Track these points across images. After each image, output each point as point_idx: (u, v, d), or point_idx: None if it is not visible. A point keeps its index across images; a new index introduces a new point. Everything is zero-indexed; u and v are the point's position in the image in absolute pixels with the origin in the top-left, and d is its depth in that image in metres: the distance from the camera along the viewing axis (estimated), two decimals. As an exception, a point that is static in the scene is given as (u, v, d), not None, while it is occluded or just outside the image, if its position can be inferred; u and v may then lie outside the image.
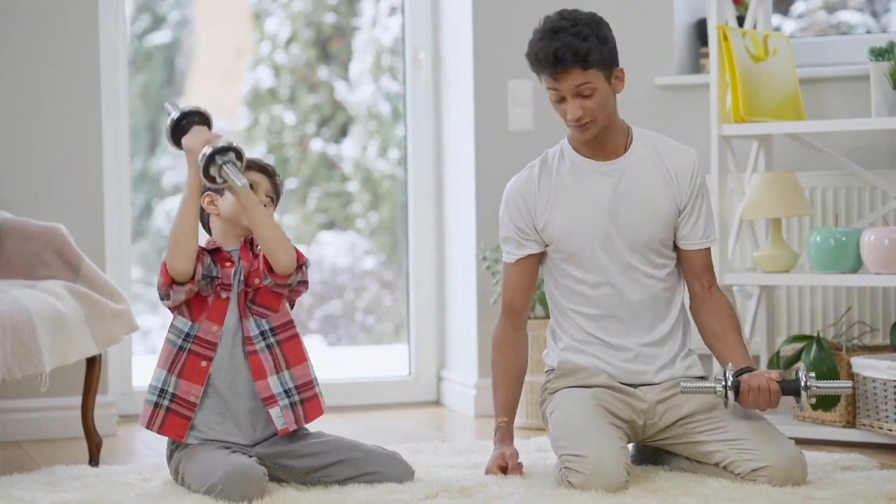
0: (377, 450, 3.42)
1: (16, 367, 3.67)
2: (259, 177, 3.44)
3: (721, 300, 3.55)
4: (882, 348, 4.35)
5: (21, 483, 3.51)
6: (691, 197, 3.50)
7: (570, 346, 3.54)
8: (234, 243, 3.42)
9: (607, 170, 3.50)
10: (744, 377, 3.37)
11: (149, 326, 6.02)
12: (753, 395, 3.34)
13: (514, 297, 3.59)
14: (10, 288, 3.88)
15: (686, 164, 3.51)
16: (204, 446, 3.33)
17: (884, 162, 4.65)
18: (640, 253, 3.49)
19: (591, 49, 3.36)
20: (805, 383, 3.38)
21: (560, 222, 3.50)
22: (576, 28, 3.37)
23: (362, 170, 6.34)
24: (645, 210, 3.48)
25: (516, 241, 3.56)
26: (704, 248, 3.55)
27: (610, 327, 3.51)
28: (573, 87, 3.39)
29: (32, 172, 4.59)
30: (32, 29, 4.58)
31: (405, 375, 5.28)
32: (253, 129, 6.49)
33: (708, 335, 3.55)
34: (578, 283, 3.52)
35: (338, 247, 6.64)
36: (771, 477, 3.28)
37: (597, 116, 3.43)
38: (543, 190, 3.52)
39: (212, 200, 3.41)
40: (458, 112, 5.04)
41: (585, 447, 3.27)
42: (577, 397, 3.44)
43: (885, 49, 4.18)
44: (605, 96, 3.43)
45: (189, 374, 3.36)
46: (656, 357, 3.51)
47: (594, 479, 3.23)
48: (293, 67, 6.51)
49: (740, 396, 3.37)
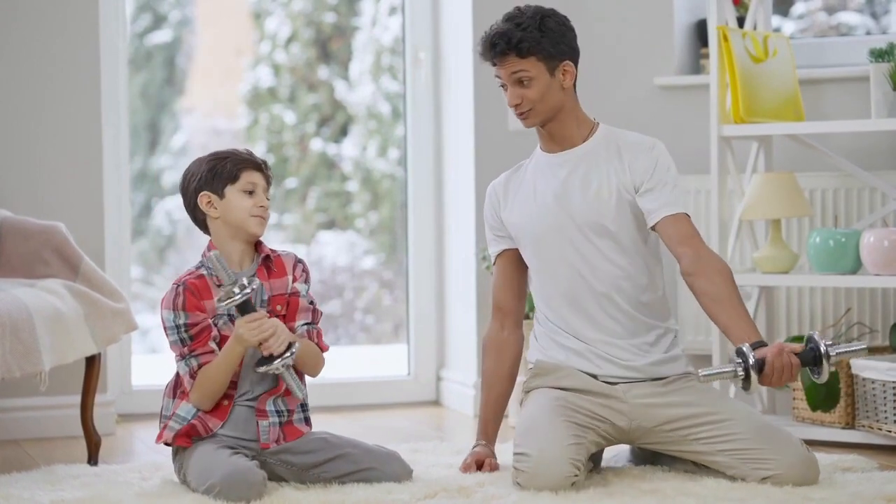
0: (376, 448, 3.42)
1: (15, 366, 3.67)
2: (257, 177, 3.42)
3: (713, 263, 3.37)
4: (881, 349, 4.35)
5: (20, 482, 3.51)
6: (646, 175, 3.46)
7: (546, 343, 3.55)
8: (238, 250, 3.41)
9: (560, 161, 3.54)
10: (768, 358, 3.18)
11: (148, 325, 6.02)
12: (777, 374, 3.19)
13: (498, 296, 3.64)
14: (10, 287, 3.88)
15: (641, 153, 3.49)
16: (207, 444, 3.32)
17: (883, 163, 4.65)
18: (592, 238, 3.48)
19: (526, 38, 3.43)
20: (825, 351, 3.21)
21: (517, 212, 3.56)
22: (520, 18, 3.46)
23: (362, 169, 6.34)
24: (590, 196, 3.48)
25: (494, 239, 3.64)
26: (673, 216, 3.43)
27: (578, 319, 3.50)
28: (509, 73, 3.46)
29: (32, 171, 4.59)
30: (33, 28, 4.58)
31: (404, 375, 5.28)
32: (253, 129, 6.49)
33: (705, 300, 3.35)
34: (544, 276, 3.54)
35: (337, 246, 6.64)
36: (783, 483, 3.26)
37: (535, 106, 3.47)
38: (510, 186, 3.60)
39: (210, 202, 3.39)
40: (458, 112, 5.05)
41: (530, 445, 3.27)
42: (544, 397, 3.44)
43: (885, 50, 4.18)
44: (545, 87, 3.46)
45: (213, 412, 3.36)
46: (627, 347, 3.48)
47: (536, 478, 3.22)
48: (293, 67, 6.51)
49: (763, 376, 3.19)
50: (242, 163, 3.40)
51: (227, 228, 3.40)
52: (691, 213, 4.72)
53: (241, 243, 3.42)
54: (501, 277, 3.63)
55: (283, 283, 3.42)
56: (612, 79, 4.90)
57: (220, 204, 3.39)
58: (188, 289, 3.33)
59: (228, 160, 3.40)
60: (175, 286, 3.35)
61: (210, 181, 3.39)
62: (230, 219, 3.39)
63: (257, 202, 3.39)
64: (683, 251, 3.40)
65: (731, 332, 3.30)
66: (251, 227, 3.39)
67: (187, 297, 3.32)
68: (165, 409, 3.40)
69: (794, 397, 4.32)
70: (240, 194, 3.38)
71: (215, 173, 3.39)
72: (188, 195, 3.42)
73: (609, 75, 4.90)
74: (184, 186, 3.43)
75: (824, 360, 3.21)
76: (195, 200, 3.40)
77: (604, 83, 4.85)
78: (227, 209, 3.38)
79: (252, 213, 3.38)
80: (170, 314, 3.33)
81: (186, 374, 3.32)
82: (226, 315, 3.35)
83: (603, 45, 4.88)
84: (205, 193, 3.39)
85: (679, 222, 3.44)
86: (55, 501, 3.25)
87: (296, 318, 3.41)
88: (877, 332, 4.56)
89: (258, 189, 3.41)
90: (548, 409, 3.37)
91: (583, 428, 3.37)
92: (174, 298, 3.33)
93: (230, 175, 3.39)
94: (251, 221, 3.39)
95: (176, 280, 3.37)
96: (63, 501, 3.24)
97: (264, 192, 3.43)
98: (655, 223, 3.45)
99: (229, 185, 3.38)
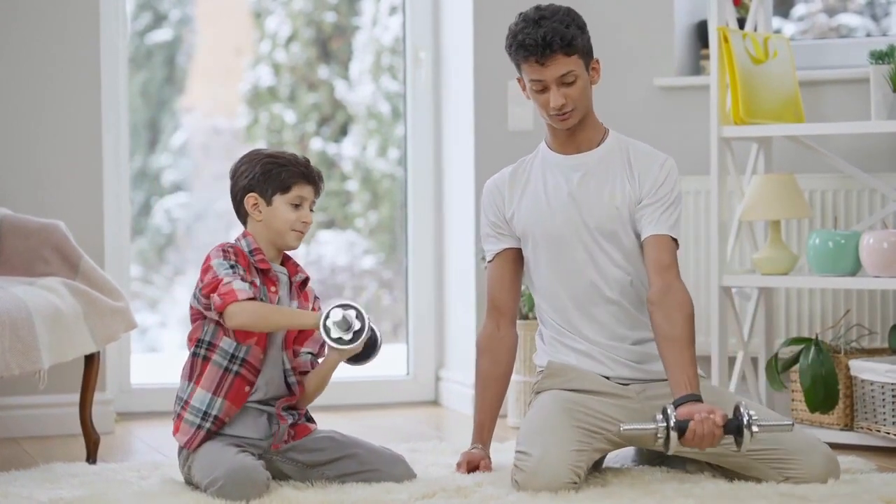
0: (382, 449, 3.43)
1: (14, 364, 3.67)
2: (307, 191, 3.40)
3: (678, 298, 3.35)
4: (880, 351, 4.35)
5: (18, 480, 3.51)
6: (653, 189, 3.46)
7: (555, 346, 3.54)
8: (275, 255, 3.42)
9: (573, 163, 3.52)
10: (691, 424, 3.16)
11: (147, 324, 6.02)
12: (698, 440, 3.18)
13: (495, 295, 3.59)
14: (9, 285, 3.88)
15: (651, 163, 3.49)
16: (214, 441, 3.32)
17: (883, 165, 4.65)
18: (603, 243, 3.48)
19: (575, 35, 3.42)
20: (746, 422, 3.18)
21: (526, 211, 3.52)
22: (557, 16, 3.42)
23: (362, 169, 6.34)
24: (604, 202, 3.47)
25: (493, 237, 3.58)
26: (660, 237, 3.43)
27: (585, 322, 3.49)
28: (557, 74, 3.41)
29: (32, 169, 4.59)
30: (33, 26, 4.58)
31: (403, 375, 5.28)
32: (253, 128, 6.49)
33: (657, 337, 3.34)
34: (552, 278, 3.51)
35: (337, 246, 6.64)
36: (805, 481, 3.26)
37: (578, 105, 3.45)
38: (514, 184, 3.56)
39: (256, 204, 3.37)
40: (458, 112, 5.05)
41: (533, 446, 3.27)
42: (553, 399, 3.42)
43: (885, 52, 4.19)
44: (585, 85, 3.47)
45: (233, 397, 3.34)
46: (635, 350, 3.48)
47: (535, 478, 3.22)
48: (293, 66, 6.52)
49: (684, 440, 3.17)
50: (297, 175, 3.37)
51: (267, 232, 3.39)
52: (690, 214, 4.75)
53: (276, 251, 3.42)
54: (500, 276, 3.59)
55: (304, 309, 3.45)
56: (613, 79, 4.89)
57: (266, 210, 3.37)
58: (237, 252, 3.34)
59: (284, 169, 3.37)
60: (222, 247, 3.33)
61: (261, 184, 3.37)
62: (272, 226, 3.38)
63: (301, 217, 3.38)
64: (654, 279, 3.40)
65: (672, 377, 3.29)
66: (289, 241, 3.39)
67: (240, 254, 3.33)
68: (181, 391, 3.38)
69: (793, 398, 4.32)
70: (287, 206, 3.37)
71: (268, 178, 3.36)
72: (236, 189, 3.41)
73: (609, 76, 4.87)
74: (233, 179, 3.42)
75: (746, 430, 3.19)
76: (242, 197, 3.39)
77: (604, 84, 4.81)
78: (271, 216, 3.37)
79: (294, 227, 3.38)
80: (224, 261, 3.29)
81: (243, 290, 3.24)
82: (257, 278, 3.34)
83: (603, 46, 4.86)
84: (252, 195, 3.38)
85: (661, 247, 3.43)
86: (54, 500, 3.24)
87: (304, 344, 3.44)
88: (876, 334, 4.56)
89: (305, 204, 3.39)
90: (555, 412, 3.36)
91: (590, 433, 3.36)
92: (225, 254, 3.31)
93: (282, 185, 3.37)
94: (291, 235, 3.38)
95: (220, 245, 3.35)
96: (62, 500, 3.24)
97: (311, 205, 3.41)
98: (642, 238, 3.47)
99: (279, 195, 3.37)
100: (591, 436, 3.36)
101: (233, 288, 3.25)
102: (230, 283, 3.26)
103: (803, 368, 4.19)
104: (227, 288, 3.25)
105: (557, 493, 3.19)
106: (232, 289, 3.25)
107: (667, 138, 4.73)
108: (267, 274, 3.37)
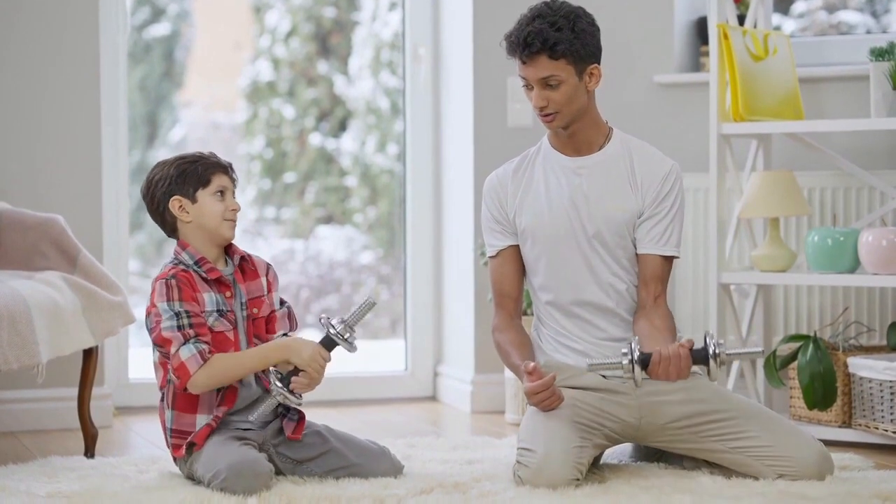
0: (366, 443, 3.42)
1: (12, 358, 3.67)
2: (225, 180, 3.40)
3: (662, 313, 3.44)
4: (879, 349, 4.35)
5: (16, 474, 3.51)
6: (654, 202, 3.46)
7: (553, 345, 3.53)
8: (218, 254, 3.40)
9: (575, 166, 3.50)
10: (655, 353, 3.24)
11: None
12: (664, 364, 3.22)
13: (506, 286, 3.56)
14: (8, 278, 3.88)
15: (655, 173, 3.47)
16: (217, 435, 3.31)
17: (882, 162, 4.65)
18: (601, 249, 3.47)
19: (562, 40, 3.36)
20: (714, 351, 3.23)
21: (528, 211, 3.50)
22: (553, 17, 3.38)
23: (361, 164, 6.34)
24: (603, 208, 3.46)
25: (497, 232, 3.56)
26: (657, 255, 3.46)
27: (582, 324, 3.49)
28: (539, 76, 3.39)
29: (31, 163, 4.59)
30: (32, 21, 4.58)
31: (401, 370, 5.28)
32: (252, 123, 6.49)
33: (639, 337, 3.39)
34: (550, 280, 3.51)
35: (335, 241, 6.64)
36: (799, 478, 3.26)
37: (561, 109, 3.42)
38: (517, 181, 3.54)
39: (182, 206, 3.36)
40: (458, 108, 5.04)
41: (536, 442, 3.27)
42: None
43: (885, 49, 4.18)
44: (572, 90, 3.42)
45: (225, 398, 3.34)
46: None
47: (539, 475, 3.22)
48: (292, 61, 6.52)
49: (650, 367, 3.23)
50: (212, 166, 3.37)
51: (201, 232, 3.37)
52: (690, 211, 4.74)
53: (215, 247, 3.40)
54: (505, 268, 3.55)
55: (258, 285, 3.42)
56: (612, 76, 4.88)
57: (193, 208, 3.36)
58: (180, 281, 3.32)
59: (198, 164, 3.37)
60: (164, 280, 3.30)
61: (181, 185, 3.36)
62: (203, 223, 3.36)
63: (229, 205, 3.38)
64: (643, 293, 3.46)
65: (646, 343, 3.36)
66: (225, 232, 3.38)
67: (183, 289, 3.31)
68: (169, 422, 3.36)
69: (791, 395, 4.32)
70: (212, 198, 3.36)
71: (186, 176, 3.36)
72: (156, 200, 3.38)
73: (609, 73, 4.86)
74: (150, 191, 3.39)
75: (711, 360, 3.22)
76: (165, 205, 3.37)
77: (604, 81, 4.83)
78: (199, 213, 3.36)
79: (225, 216, 3.37)
80: (166, 305, 3.29)
81: (193, 357, 3.24)
82: (215, 311, 3.34)
83: (603, 43, 4.86)
84: (175, 198, 3.36)
85: (657, 266, 3.46)
86: (52, 494, 3.25)
87: (275, 330, 3.43)
88: (874, 332, 4.56)
89: (227, 192, 3.39)
90: (556, 409, 3.36)
91: (589, 429, 3.37)
92: (168, 292, 3.29)
93: (201, 179, 3.36)
94: (224, 226, 3.37)
95: (160, 276, 3.33)
96: (59, 494, 3.24)
97: (233, 194, 3.41)
98: (638, 252, 3.47)
99: (201, 189, 3.36)
100: (590, 432, 3.37)
101: (182, 361, 3.25)
102: (177, 352, 3.25)
103: (801, 366, 4.19)
104: (178, 362, 3.26)
105: (556, 489, 3.20)
106: (181, 363, 3.25)
107: (666, 135, 4.73)
108: (220, 280, 3.37)
